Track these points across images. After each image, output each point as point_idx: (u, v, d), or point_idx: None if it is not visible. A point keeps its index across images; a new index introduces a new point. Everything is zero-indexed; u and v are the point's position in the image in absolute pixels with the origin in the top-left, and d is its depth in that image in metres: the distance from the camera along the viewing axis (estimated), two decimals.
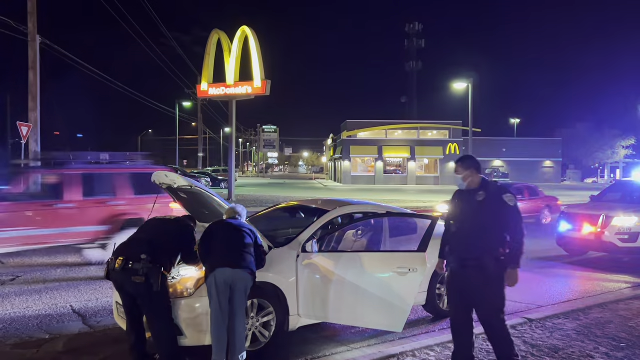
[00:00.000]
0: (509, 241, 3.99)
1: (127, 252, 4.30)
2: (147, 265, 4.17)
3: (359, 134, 52.45)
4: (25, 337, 5.30)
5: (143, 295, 4.26)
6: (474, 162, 4.27)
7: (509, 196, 3.99)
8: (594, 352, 4.87)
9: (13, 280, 7.73)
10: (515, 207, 3.97)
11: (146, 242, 4.37)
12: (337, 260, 5.10)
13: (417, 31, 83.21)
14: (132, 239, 4.53)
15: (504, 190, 4.08)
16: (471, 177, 4.21)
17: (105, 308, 6.30)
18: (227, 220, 4.68)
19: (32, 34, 19.31)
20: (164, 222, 4.77)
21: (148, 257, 4.20)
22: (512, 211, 3.98)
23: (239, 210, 4.80)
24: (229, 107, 20.92)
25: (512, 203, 3.97)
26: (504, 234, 4.00)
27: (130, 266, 4.18)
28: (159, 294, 4.25)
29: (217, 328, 4.24)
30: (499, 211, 4.00)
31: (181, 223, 4.80)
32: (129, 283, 4.24)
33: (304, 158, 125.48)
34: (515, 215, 3.99)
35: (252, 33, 19.36)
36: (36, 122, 19.52)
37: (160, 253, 4.31)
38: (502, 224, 4.00)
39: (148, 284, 4.17)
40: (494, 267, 3.98)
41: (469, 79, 29.04)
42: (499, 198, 4.01)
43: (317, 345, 5.20)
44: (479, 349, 4.88)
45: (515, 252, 3.98)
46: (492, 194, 4.08)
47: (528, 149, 58.35)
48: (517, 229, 3.98)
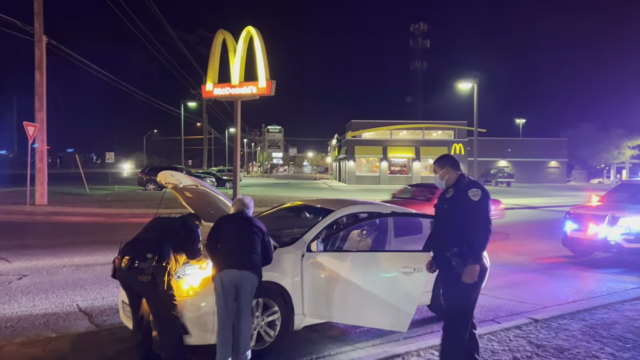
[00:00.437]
0: (470, 236, 3.91)
1: (133, 251, 4.31)
2: (153, 264, 4.19)
3: (363, 134, 52.41)
4: (32, 335, 5.33)
5: (149, 293, 4.29)
6: (448, 160, 4.23)
7: (474, 191, 3.91)
8: (599, 353, 4.86)
9: (20, 279, 7.78)
10: (478, 202, 3.88)
11: (152, 241, 4.39)
12: (342, 259, 5.11)
13: (422, 31, 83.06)
14: (137, 238, 4.54)
15: (471, 185, 4.00)
16: (447, 174, 4.19)
17: (111, 307, 6.33)
18: (236, 216, 4.68)
19: (39, 34, 19.43)
20: (167, 221, 4.79)
21: (154, 256, 4.22)
22: (475, 206, 3.89)
23: (247, 202, 4.80)
24: (234, 107, 20.94)
25: (475, 198, 3.88)
26: (467, 230, 3.92)
27: (136, 265, 4.20)
28: (164, 292, 4.27)
29: (222, 327, 4.26)
30: (465, 207, 3.94)
31: (185, 221, 4.81)
32: (135, 282, 4.26)
33: (309, 158, 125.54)
34: (478, 210, 3.89)
35: (257, 33, 19.38)
36: (42, 121, 19.63)
37: (165, 252, 4.33)
38: (467, 219, 3.92)
39: (154, 282, 4.20)
40: (460, 265, 3.92)
41: (474, 79, 28.97)
42: (465, 194, 3.95)
43: (322, 344, 5.21)
44: (483, 349, 4.88)
45: (475, 247, 3.88)
46: (459, 190, 4.04)
47: (533, 149, 58.18)
48: (479, 224, 3.88)
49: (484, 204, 3.91)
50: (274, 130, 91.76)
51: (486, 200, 3.93)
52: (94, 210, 18.80)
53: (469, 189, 3.95)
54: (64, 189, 29.47)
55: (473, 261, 3.87)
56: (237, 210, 4.77)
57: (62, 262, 9.07)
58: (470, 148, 43.94)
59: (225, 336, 4.26)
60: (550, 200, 28.37)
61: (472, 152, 35.69)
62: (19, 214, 17.21)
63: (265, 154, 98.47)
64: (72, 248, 10.60)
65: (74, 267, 8.73)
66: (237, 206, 4.78)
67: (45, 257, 9.46)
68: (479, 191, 3.91)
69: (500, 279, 8.22)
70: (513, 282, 8.18)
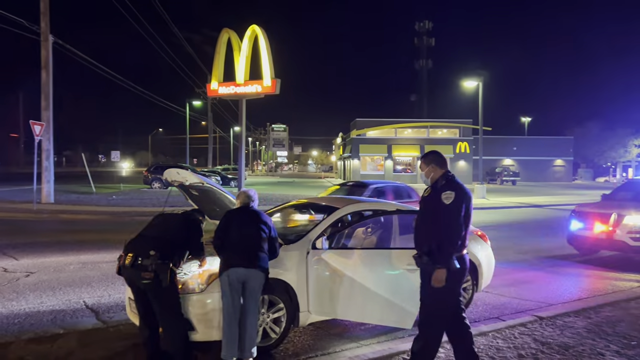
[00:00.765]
0: (439, 240, 3.89)
1: (136, 249, 4.34)
2: (156, 262, 4.21)
3: (368, 132, 52.40)
4: (39, 331, 5.38)
5: (153, 290, 4.31)
6: (435, 157, 4.20)
7: (447, 194, 3.89)
8: (604, 350, 4.86)
9: (27, 276, 7.84)
10: (448, 206, 3.85)
11: (154, 238, 4.41)
12: (346, 257, 5.13)
13: (427, 29, 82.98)
14: (140, 235, 4.56)
15: (446, 187, 3.97)
16: (433, 172, 4.17)
17: (118, 304, 6.38)
18: (243, 211, 4.68)
19: (45, 33, 19.52)
20: (171, 218, 4.79)
21: (157, 253, 4.24)
22: (445, 209, 3.87)
23: (251, 195, 4.81)
24: (239, 106, 20.98)
25: (447, 201, 3.86)
26: (438, 232, 3.91)
27: (139, 262, 4.22)
28: (168, 289, 4.29)
29: (229, 324, 4.28)
30: (436, 209, 3.94)
31: (188, 217, 4.82)
32: (139, 279, 4.28)
33: (313, 157, 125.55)
34: (447, 214, 3.87)
35: (261, 32, 19.41)
36: (48, 120, 19.74)
37: (168, 249, 4.35)
38: (438, 222, 3.91)
39: (157, 279, 4.22)
40: (430, 265, 3.92)
41: (479, 78, 28.91)
42: (439, 196, 3.94)
43: (326, 341, 5.23)
44: (488, 346, 4.89)
45: (442, 251, 3.86)
46: (436, 190, 4.03)
47: (539, 147, 58.01)
48: (447, 228, 3.87)
49: (455, 208, 3.87)
50: (278, 128, 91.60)
51: (459, 204, 3.88)
52: (100, 208, 18.89)
53: (443, 192, 3.93)
54: (70, 187, 29.63)
55: (440, 265, 3.85)
56: (242, 203, 4.77)
57: (69, 260, 9.14)
58: (476, 146, 43.85)
59: (232, 333, 4.28)
60: (556, 198, 28.28)
61: (477, 151, 35.61)
62: (26, 212, 17.32)
63: (269, 152, 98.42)
64: (79, 246, 10.67)
65: (81, 264, 8.79)
66: (242, 199, 4.79)
67: (52, 255, 9.53)
68: (452, 194, 3.88)
69: (505, 277, 8.22)
70: (518, 280, 8.18)
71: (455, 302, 4.06)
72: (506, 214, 20.39)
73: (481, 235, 6.74)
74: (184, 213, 4.89)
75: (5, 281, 7.50)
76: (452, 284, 3.93)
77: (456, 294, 4.04)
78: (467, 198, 3.96)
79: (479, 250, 6.43)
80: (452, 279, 3.91)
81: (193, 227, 4.74)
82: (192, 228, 4.72)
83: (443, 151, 25.66)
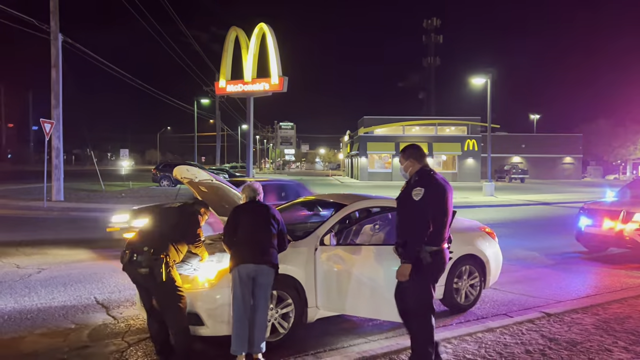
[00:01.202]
0: (407, 235, 3.95)
1: (132, 245, 4.39)
2: (150, 257, 4.25)
3: (375, 130, 52.33)
4: (52, 326, 5.46)
5: (151, 285, 4.38)
6: (414, 151, 4.20)
7: (417, 190, 3.92)
8: (612, 347, 4.86)
9: (39, 272, 7.94)
10: (417, 202, 3.88)
11: (149, 233, 4.45)
12: (354, 253, 5.17)
13: (435, 27, 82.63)
14: (139, 230, 4.60)
15: (417, 184, 4.00)
16: (411, 167, 4.19)
17: (128, 299, 6.45)
18: (252, 206, 4.66)
19: (55, 32, 19.68)
20: (167, 211, 4.77)
21: (150, 248, 4.28)
22: (414, 205, 3.91)
23: (256, 187, 4.78)
24: (247, 103, 21.06)
25: (417, 198, 3.89)
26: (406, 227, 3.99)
27: (135, 258, 4.28)
28: (165, 284, 4.31)
29: (239, 319, 4.32)
30: (407, 205, 4.00)
31: (185, 209, 4.77)
32: (136, 275, 4.36)
33: (321, 155, 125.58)
34: (415, 210, 3.90)
35: (269, 30, 19.46)
36: (58, 118, 19.91)
37: (163, 243, 4.36)
38: (408, 217, 3.98)
39: (152, 275, 4.27)
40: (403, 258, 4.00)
41: (488, 75, 28.78)
42: (410, 192, 3.98)
43: (335, 336, 5.27)
44: (495, 342, 4.91)
45: (407, 246, 3.91)
46: (409, 186, 4.07)
47: (547, 145, 57.68)
48: (412, 224, 3.92)
49: (422, 204, 3.89)
50: (286, 127, 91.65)
51: (427, 200, 3.90)
52: (110, 206, 19.03)
53: (414, 188, 3.96)
54: (80, 185, 29.85)
55: (405, 260, 3.92)
56: (248, 198, 4.74)
57: (79, 257, 9.24)
58: (484, 144, 43.70)
59: (242, 328, 4.32)
60: (565, 196, 28.12)
61: (485, 148, 35.50)
62: (37, 210, 17.49)
63: (277, 150, 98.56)
64: (89, 243, 10.78)
65: (91, 260, 8.89)
66: (248, 193, 4.75)
67: (63, 252, 9.64)
68: (422, 190, 3.91)
69: (513, 274, 8.22)
70: (526, 278, 8.17)
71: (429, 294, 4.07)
72: (514, 211, 20.32)
73: (489, 233, 6.75)
74: (181, 205, 4.86)
75: (17, 277, 7.61)
76: (424, 277, 3.99)
77: (427, 286, 4.05)
78: (439, 194, 3.97)
79: (486, 247, 6.44)
80: (424, 272, 3.95)
81: (188, 217, 4.68)
82: (186, 217, 4.67)
83: (451, 149, 25.61)
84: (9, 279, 7.51)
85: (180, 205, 4.86)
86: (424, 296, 4.05)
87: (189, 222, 4.68)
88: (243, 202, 4.76)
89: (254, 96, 20.69)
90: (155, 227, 4.53)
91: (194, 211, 4.81)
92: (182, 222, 4.63)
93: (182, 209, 4.78)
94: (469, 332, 5.17)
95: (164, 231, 4.48)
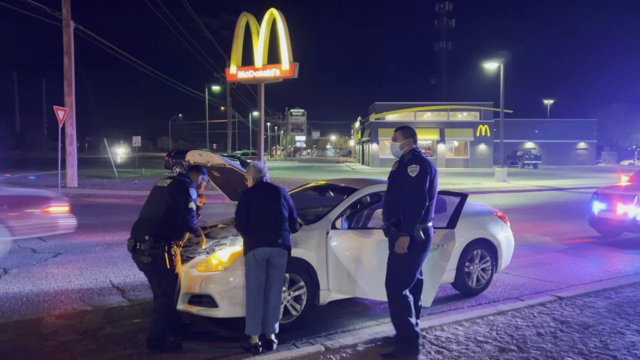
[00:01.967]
0: (405, 209, 4.13)
1: (135, 233, 4.40)
2: (152, 245, 4.28)
3: (387, 116, 52.06)
4: (69, 308, 5.58)
5: (151, 273, 4.46)
6: (411, 132, 4.45)
7: (413, 167, 4.16)
8: (624, 329, 4.85)
9: (55, 257, 8.09)
10: (415, 178, 4.11)
11: (148, 220, 4.43)
12: (365, 237, 5.19)
13: (447, 10, 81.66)
14: (139, 217, 4.56)
15: (412, 161, 4.22)
16: (407, 146, 4.39)
17: (143, 283, 6.54)
18: (260, 188, 4.61)
19: (67, 19, 19.76)
20: (161, 192, 4.53)
21: (151, 237, 4.28)
22: (411, 181, 4.12)
23: (261, 167, 4.70)
24: (258, 90, 21.04)
25: (413, 174, 4.12)
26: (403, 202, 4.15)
27: (138, 247, 4.31)
28: (166, 273, 4.36)
29: (254, 301, 4.37)
30: (403, 181, 4.19)
31: (171, 188, 4.49)
32: (140, 263, 4.41)
33: (332, 141, 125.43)
34: (414, 185, 4.11)
35: (280, 15, 19.36)
36: (71, 106, 20.07)
37: (163, 230, 4.34)
38: (405, 193, 4.16)
39: (155, 263, 4.32)
40: (397, 236, 4.15)
41: (500, 59, 28.44)
42: (405, 169, 4.19)
43: (346, 319, 5.33)
44: (507, 325, 4.93)
45: (407, 220, 4.09)
46: (402, 164, 4.29)
47: (561, 130, 57.01)
48: (413, 199, 4.09)
49: (420, 180, 4.12)
50: (297, 113, 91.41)
51: (424, 177, 4.14)
52: (123, 192, 19.24)
53: (409, 165, 4.20)
54: (93, 172, 30.15)
55: (405, 233, 4.10)
56: (255, 179, 4.65)
57: (95, 241, 9.38)
58: (497, 129, 43.31)
59: (256, 310, 4.36)
60: (578, 182, 27.87)
61: (498, 134, 35.20)
62: None
63: (288, 137, 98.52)
64: (103, 228, 10.93)
65: (106, 245, 9.02)
66: (253, 174, 4.67)
67: (78, 237, 9.77)
68: (417, 167, 4.15)
69: (525, 259, 8.21)
70: (538, 262, 8.16)
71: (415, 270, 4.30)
72: (527, 197, 20.20)
73: (501, 217, 6.73)
74: (171, 182, 4.54)
75: (34, 261, 7.75)
76: (416, 253, 4.21)
77: (415, 262, 4.27)
78: (431, 172, 4.21)
79: (498, 231, 6.43)
80: (417, 248, 4.18)
81: (178, 192, 4.43)
82: (177, 194, 4.43)
83: (463, 134, 25.48)
84: (26, 262, 7.65)
85: (170, 182, 4.54)
86: (410, 273, 4.27)
87: (179, 196, 4.40)
88: (249, 183, 4.74)
89: (264, 82, 20.65)
90: (152, 213, 4.46)
91: (183, 183, 4.50)
92: (174, 204, 4.40)
93: (171, 187, 4.48)
94: (481, 315, 5.19)
95: (159, 216, 4.38)
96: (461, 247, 5.99)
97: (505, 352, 4.30)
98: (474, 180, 28.23)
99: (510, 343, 4.49)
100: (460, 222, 5.10)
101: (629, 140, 62.07)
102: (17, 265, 7.46)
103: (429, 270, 4.91)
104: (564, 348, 4.39)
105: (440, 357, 4.20)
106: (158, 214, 4.42)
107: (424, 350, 4.31)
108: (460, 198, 5.19)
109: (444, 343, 4.49)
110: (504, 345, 4.43)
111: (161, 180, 4.68)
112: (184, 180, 4.54)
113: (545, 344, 4.48)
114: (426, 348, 4.37)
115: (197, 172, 4.81)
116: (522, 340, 4.56)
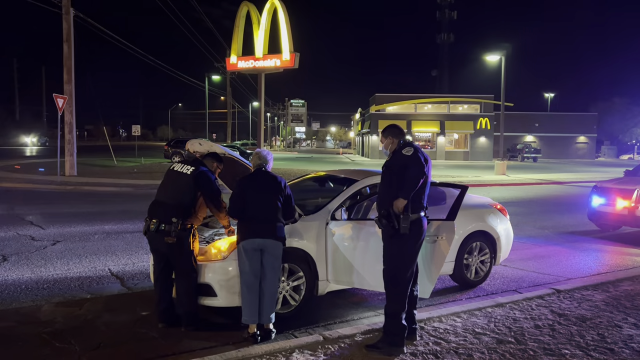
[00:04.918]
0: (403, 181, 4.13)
1: (159, 214, 4.51)
2: (178, 228, 4.42)
3: (387, 108, 51.92)
4: (68, 296, 5.58)
5: (174, 254, 4.54)
6: (391, 130, 4.45)
7: (407, 149, 4.23)
8: (622, 323, 4.87)
9: (54, 244, 8.08)
10: (412, 155, 4.17)
11: (170, 204, 4.53)
12: (365, 228, 5.18)
13: (450, 2, 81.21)
14: (159, 201, 4.62)
15: (405, 145, 4.29)
16: (391, 144, 4.42)
17: (142, 272, 6.56)
18: (257, 177, 4.57)
19: (67, 7, 19.64)
20: (185, 179, 4.61)
21: (178, 219, 4.42)
22: (409, 159, 4.17)
23: (264, 155, 4.67)
24: (258, 80, 20.98)
25: (408, 153, 4.19)
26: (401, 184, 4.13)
27: (162, 228, 4.44)
28: (188, 253, 4.53)
29: (248, 289, 4.38)
30: (399, 164, 4.20)
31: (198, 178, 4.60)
32: (161, 243, 4.50)
33: (332, 132, 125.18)
34: (414, 160, 4.15)
35: (281, 5, 19.26)
36: (71, 94, 19.99)
37: (188, 214, 4.51)
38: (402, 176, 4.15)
39: (179, 243, 4.46)
40: (389, 228, 4.16)
41: (502, 52, 28.33)
42: (400, 153, 4.25)
43: (345, 309, 5.34)
44: (505, 317, 4.94)
45: (404, 187, 4.10)
46: (396, 152, 4.33)
47: (561, 123, 56.95)
48: (413, 169, 4.12)
49: (416, 157, 4.18)
50: (297, 104, 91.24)
51: (418, 156, 4.18)
52: (122, 181, 19.22)
53: (403, 148, 4.27)
54: (92, 160, 30.12)
55: (403, 195, 4.08)
56: (256, 165, 4.64)
57: (94, 230, 9.38)
58: (497, 122, 43.26)
59: (252, 299, 4.37)
60: (578, 175, 27.89)
61: (498, 127, 35.15)
62: (51, 184, 17.70)
63: (288, 128, 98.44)
64: (102, 216, 10.93)
65: (105, 234, 9.02)
66: (255, 161, 4.65)
67: (77, 225, 9.78)
68: (412, 149, 4.23)
69: (524, 252, 8.22)
70: (537, 255, 8.17)
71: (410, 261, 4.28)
72: (526, 190, 20.21)
73: (500, 209, 6.73)
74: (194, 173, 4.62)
75: (33, 249, 7.75)
76: (409, 243, 4.20)
77: (409, 252, 4.25)
78: (425, 158, 4.22)
79: (497, 223, 6.44)
80: (409, 237, 4.16)
81: (203, 184, 4.60)
82: (205, 187, 4.60)
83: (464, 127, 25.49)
84: (25, 250, 7.65)
85: (194, 171, 4.62)
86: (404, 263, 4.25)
87: (205, 184, 4.60)
88: (250, 172, 4.71)
89: (265, 72, 20.58)
90: (174, 198, 4.57)
91: (206, 174, 4.66)
92: (199, 188, 4.58)
93: (197, 176, 4.59)
94: (479, 307, 5.21)
95: (185, 201, 4.53)
96: (460, 239, 5.99)
97: (502, 344, 4.31)
98: (473, 173, 28.23)
99: (508, 335, 4.50)
100: (460, 214, 5.09)
101: (629, 134, 61.98)
102: (16, 253, 7.46)
103: (427, 262, 4.91)
104: (562, 340, 4.40)
105: (438, 348, 4.21)
106: (181, 199, 4.55)
107: (421, 342, 4.32)
108: (460, 190, 5.18)
109: (442, 334, 4.50)
110: (502, 337, 4.44)
111: (178, 165, 4.81)
112: (206, 171, 4.71)
113: (543, 336, 4.50)
114: (424, 339, 4.38)
115: (213, 159, 4.94)
116: (519, 332, 4.57)
